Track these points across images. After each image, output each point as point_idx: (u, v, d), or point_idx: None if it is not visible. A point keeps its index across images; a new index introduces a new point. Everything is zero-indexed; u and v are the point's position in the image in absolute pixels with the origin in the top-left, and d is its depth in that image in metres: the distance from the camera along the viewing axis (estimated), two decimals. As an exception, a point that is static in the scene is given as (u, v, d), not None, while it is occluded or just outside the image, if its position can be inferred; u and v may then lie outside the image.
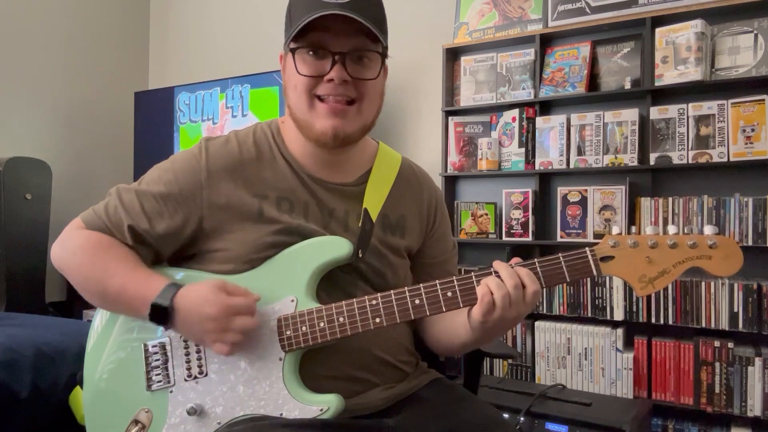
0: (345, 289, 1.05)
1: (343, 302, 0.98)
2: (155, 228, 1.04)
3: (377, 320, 0.97)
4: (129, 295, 1.00)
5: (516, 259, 0.96)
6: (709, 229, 0.89)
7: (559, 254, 0.94)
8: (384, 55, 1.03)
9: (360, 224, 1.06)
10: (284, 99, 1.09)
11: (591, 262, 0.93)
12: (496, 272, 0.93)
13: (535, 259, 0.94)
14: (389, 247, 1.10)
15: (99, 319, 1.10)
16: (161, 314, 0.96)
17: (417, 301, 0.97)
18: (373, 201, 1.10)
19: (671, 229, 0.91)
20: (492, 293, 0.90)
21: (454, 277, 0.96)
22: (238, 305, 0.95)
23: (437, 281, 0.96)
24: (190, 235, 1.05)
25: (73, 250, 1.04)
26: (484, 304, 0.91)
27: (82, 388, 1.10)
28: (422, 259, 1.18)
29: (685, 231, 0.91)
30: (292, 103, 1.04)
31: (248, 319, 0.95)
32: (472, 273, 0.96)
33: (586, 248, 0.94)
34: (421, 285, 0.97)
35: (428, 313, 0.97)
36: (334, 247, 1.02)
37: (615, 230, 0.94)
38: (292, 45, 1.00)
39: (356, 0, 0.96)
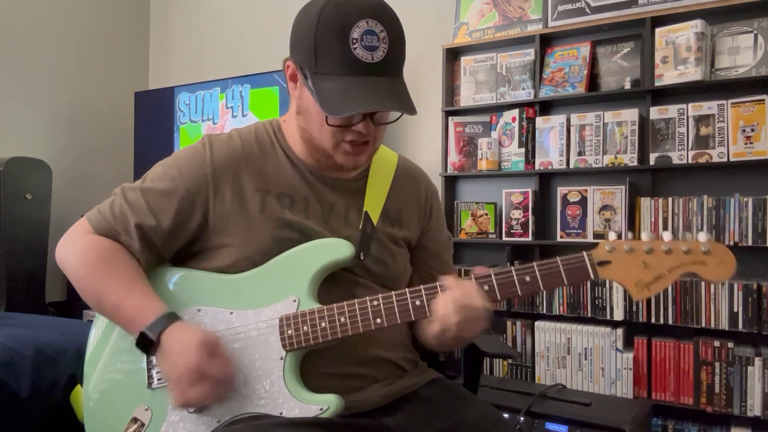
0: (346, 283, 1.06)
1: (345, 302, 0.99)
2: (162, 225, 1.04)
3: (378, 321, 0.98)
4: (122, 315, 1.01)
5: (480, 269, 0.98)
6: (703, 236, 0.92)
7: (557, 258, 0.95)
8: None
9: (361, 226, 1.07)
10: (296, 116, 1.06)
11: (588, 266, 0.94)
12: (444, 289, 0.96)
13: (534, 263, 0.95)
14: (389, 236, 1.12)
15: (101, 318, 1.10)
16: (146, 344, 0.97)
17: (418, 302, 0.97)
18: (374, 198, 1.12)
19: (666, 235, 0.93)
20: (450, 316, 0.94)
21: (454, 279, 0.97)
22: (212, 374, 0.94)
23: (438, 283, 0.97)
24: (195, 230, 1.06)
25: (76, 256, 1.05)
26: (441, 326, 0.96)
27: (82, 386, 1.10)
28: (420, 251, 1.20)
29: (682, 234, 0.93)
30: (314, 133, 1.03)
31: (209, 393, 0.95)
32: (472, 276, 0.97)
33: (584, 252, 0.95)
34: (421, 287, 0.98)
35: (429, 315, 0.97)
36: (336, 250, 1.03)
37: (612, 235, 0.95)
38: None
39: (387, 58, 0.96)
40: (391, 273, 1.10)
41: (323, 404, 0.96)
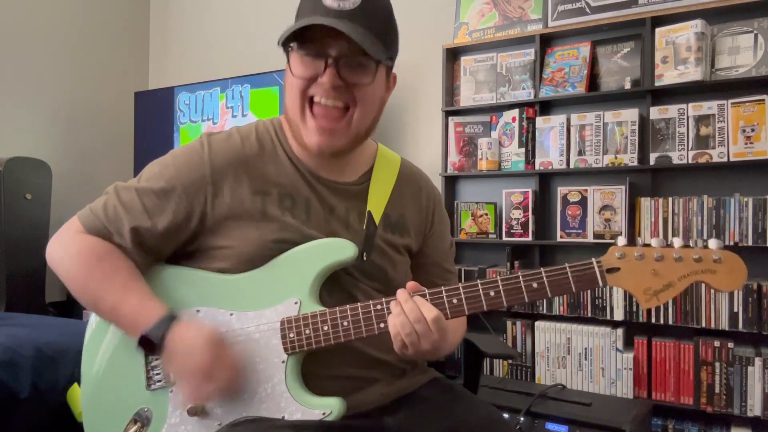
0: (346, 286, 1.05)
1: (348, 306, 0.98)
2: (157, 225, 1.02)
3: (382, 325, 0.96)
4: (120, 316, 1.00)
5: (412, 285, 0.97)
6: (714, 243, 0.89)
7: (566, 264, 0.93)
8: (379, 63, 1.01)
9: (364, 227, 1.06)
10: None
11: (597, 273, 0.92)
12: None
13: (542, 269, 0.93)
14: (390, 244, 1.10)
15: (96, 316, 1.08)
16: (149, 345, 0.96)
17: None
18: (376, 201, 1.10)
19: (677, 242, 0.91)
20: (400, 333, 0.92)
21: (460, 285, 0.95)
22: (219, 377, 0.95)
23: (443, 288, 0.96)
24: (192, 230, 1.04)
25: (68, 257, 1.03)
26: (396, 342, 0.94)
27: (80, 385, 1.09)
28: (421, 258, 1.18)
29: (690, 239, 0.91)
30: (288, 104, 1.05)
31: (219, 391, 0.96)
32: (478, 281, 0.95)
33: (593, 259, 0.93)
34: (426, 292, 0.96)
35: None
36: (339, 250, 1.02)
37: (621, 241, 0.93)
38: (291, 45, 1.00)
39: (361, 8, 0.96)
40: (391, 280, 1.08)
41: (326, 409, 0.96)
